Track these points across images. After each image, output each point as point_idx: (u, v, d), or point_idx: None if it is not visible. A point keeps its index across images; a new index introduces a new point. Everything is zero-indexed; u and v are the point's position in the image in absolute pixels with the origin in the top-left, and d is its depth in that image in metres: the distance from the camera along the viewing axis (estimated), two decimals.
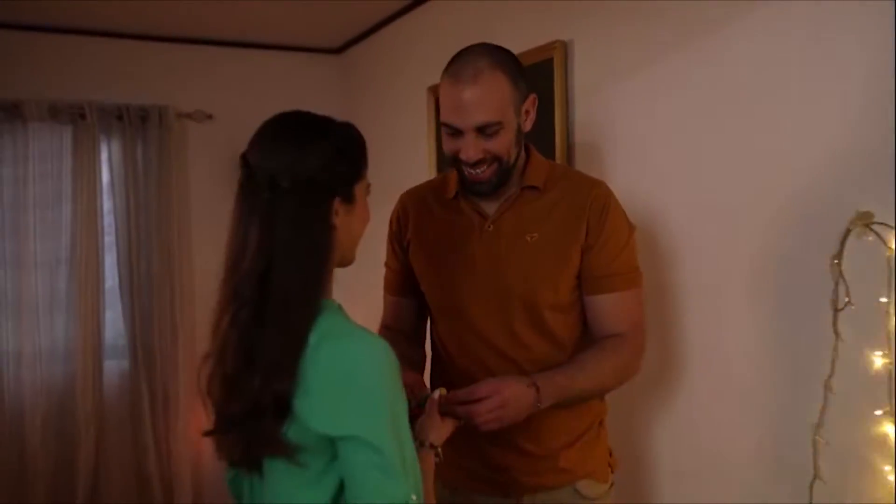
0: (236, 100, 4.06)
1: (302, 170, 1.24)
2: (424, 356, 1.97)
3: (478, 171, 1.69)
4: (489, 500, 1.80)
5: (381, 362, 1.20)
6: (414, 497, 1.18)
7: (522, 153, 1.77)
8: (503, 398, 1.54)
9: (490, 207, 1.78)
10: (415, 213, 1.89)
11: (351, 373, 1.19)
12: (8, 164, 3.78)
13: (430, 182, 2.01)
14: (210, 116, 4.08)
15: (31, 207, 3.80)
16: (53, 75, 3.78)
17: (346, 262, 1.36)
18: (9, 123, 3.75)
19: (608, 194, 1.77)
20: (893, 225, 1.58)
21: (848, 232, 1.66)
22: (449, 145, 1.71)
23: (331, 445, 1.21)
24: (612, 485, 1.86)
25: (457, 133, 1.67)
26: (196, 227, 4.00)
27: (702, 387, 2.10)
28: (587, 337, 1.79)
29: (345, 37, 4.17)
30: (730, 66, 1.97)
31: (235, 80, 4.13)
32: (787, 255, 1.84)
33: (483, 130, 1.65)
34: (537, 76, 2.54)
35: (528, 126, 1.74)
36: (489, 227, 1.77)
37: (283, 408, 1.19)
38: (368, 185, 1.37)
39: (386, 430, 1.18)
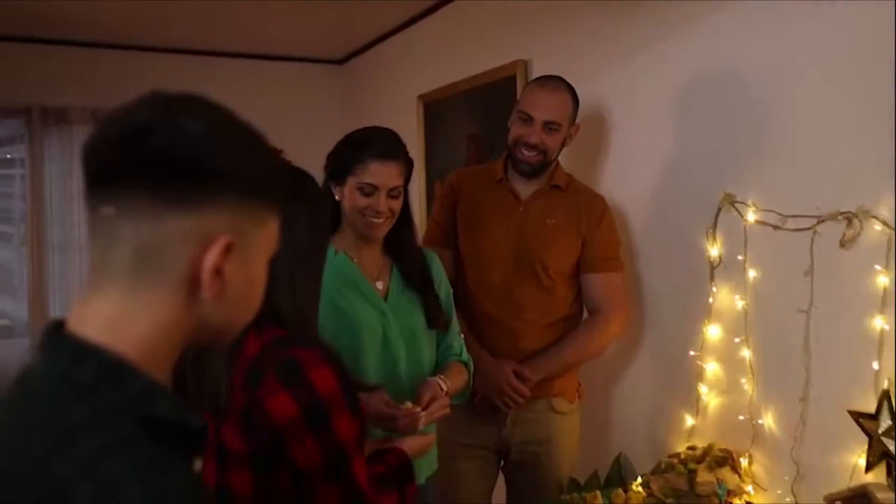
0: (245, 110, 4.59)
1: None
2: None
3: (531, 153, 2.34)
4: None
5: None
6: None
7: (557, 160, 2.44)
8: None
9: (525, 193, 2.42)
10: (467, 186, 2.48)
11: None
12: (55, 161, 4.38)
13: (479, 168, 2.68)
14: None
15: (75, 199, 4.39)
16: (95, 84, 4.36)
17: None
18: (57, 126, 4.35)
19: (606, 205, 2.47)
20: (748, 202, 2.18)
21: (719, 209, 2.26)
22: (518, 130, 2.36)
23: None
24: (579, 407, 2.49)
25: (529, 120, 2.31)
26: None
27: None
28: (570, 314, 2.43)
29: (349, 48, 4.76)
30: (656, 81, 2.55)
31: (244, 90, 4.48)
32: (678, 226, 2.43)
33: (548, 125, 2.31)
34: (501, 90, 3.14)
35: (567, 143, 2.42)
36: (521, 208, 2.40)
37: None
38: None
39: None
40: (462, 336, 2.17)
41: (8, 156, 4.41)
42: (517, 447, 2.41)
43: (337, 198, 1.96)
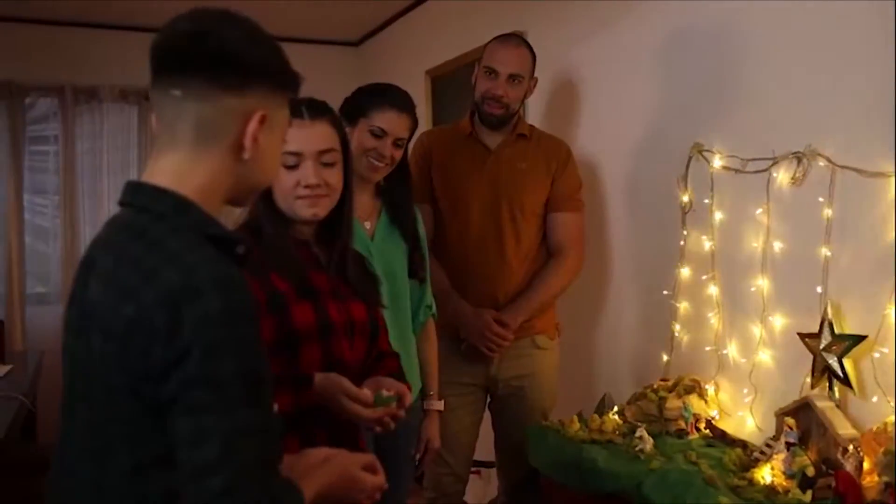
0: None
1: None
2: None
3: (497, 104, 2.54)
4: None
5: None
6: None
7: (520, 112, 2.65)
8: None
9: (493, 144, 2.63)
10: (437, 143, 2.67)
11: None
12: (87, 138, 4.65)
13: (447, 126, 2.89)
14: None
15: (105, 174, 4.66)
16: (123, 65, 4.60)
17: None
18: (87, 104, 4.62)
19: (570, 149, 2.68)
20: (713, 150, 2.35)
21: (690, 158, 2.44)
22: (485, 84, 2.56)
23: None
24: (558, 343, 2.70)
25: (494, 74, 2.53)
26: None
27: (598, 269, 2.86)
28: (540, 250, 2.63)
29: (364, 30, 4.98)
30: (634, 42, 2.74)
31: None
32: (652, 176, 2.62)
33: (512, 77, 2.52)
34: None
35: (528, 95, 2.64)
36: (492, 156, 2.61)
37: None
38: None
39: None
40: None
41: (42, 133, 4.68)
42: (504, 382, 2.60)
43: None
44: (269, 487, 1.04)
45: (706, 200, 2.38)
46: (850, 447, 1.80)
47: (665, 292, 2.53)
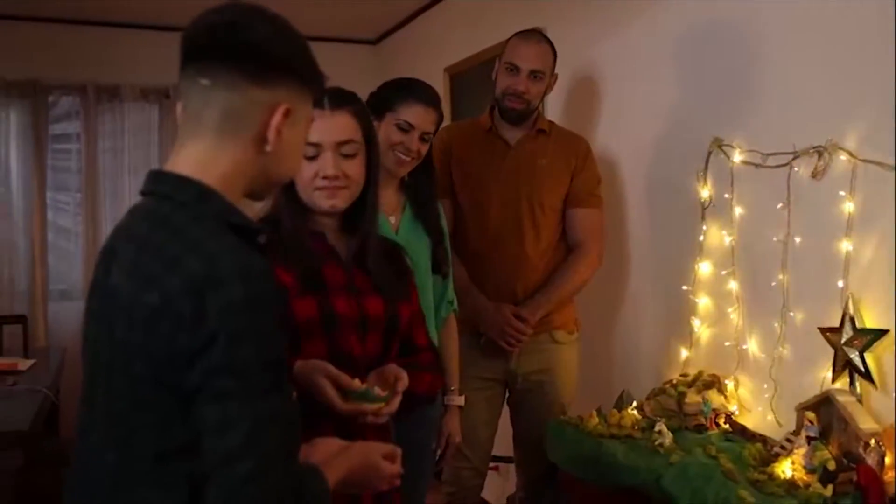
0: None
1: None
2: None
3: (518, 100, 2.55)
4: None
5: None
6: None
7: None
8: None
9: (513, 139, 2.64)
10: (457, 139, 2.67)
11: None
12: (108, 136, 4.70)
13: (466, 122, 2.87)
14: None
15: (126, 172, 4.71)
16: (144, 64, 4.65)
17: None
18: (109, 103, 4.67)
19: (588, 145, 2.69)
20: (733, 144, 2.35)
21: (709, 153, 2.43)
22: (506, 80, 2.56)
23: None
24: (577, 338, 2.69)
25: (515, 70, 2.53)
26: None
27: (617, 264, 2.86)
28: (559, 245, 2.63)
29: (382, 28, 5.00)
30: (653, 38, 2.74)
31: None
32: (671, 172, 2.62)
33: (533, 74, 2.53)
34: None
35: (548, 92, 2.65)
36: (512, 152, 2.61)
37: None
38: None
39: None
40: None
41: (65, 131, 4.73)
42: (523, 377, 2.61)
43: None
44: (294, 473, 1.06)
45: (726, 195, 2.37)
46: (872, 441, 1.79)
47: (684, 288, 2.52)
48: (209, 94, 1.11)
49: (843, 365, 1.97)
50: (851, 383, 1.96)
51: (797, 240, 2.16)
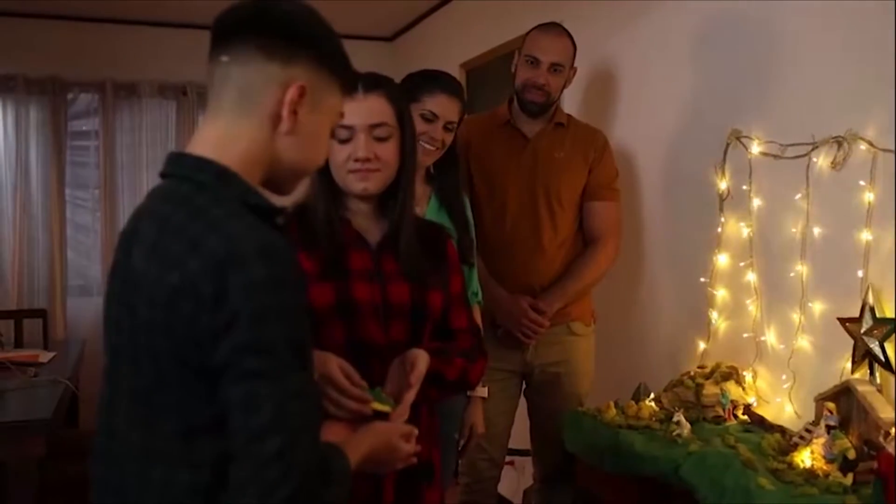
0: None
1: None
2: None
3: (538, 92, 2.55)
4: None
5: None
6: None
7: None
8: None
9: (531, 132, 2.64)
10: (475, 131, 2.65)
11: None
12: (126, 132, 4.74)
13: (484, 114, 2.85)
14: None
15: (143, 169, 4.75)
16: (162, 61, 4.70)
17: None
18: (127, 99, 4.71)
19: (606, 138, 2.69)
20: (752, 136, 2.35)
21: (728, 145, 2.43)
22: (526, 73, 2.56)
23: None
24: (594, 330, 2.70)
25: (536, 63, 2.53)
26: None
27: (634, 257, 2.87)
28: (576, 238, 2.64)
29: (398, 25, 5.01)
30: (669, 31, 2.74)
31: None
32: (689, 164, 2.62)
33: (553, 67, 2.53)
34: None
35: (567, 85, 2.64)
36: (530, 145, 2.62)
37: None
38: None
39: None
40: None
41: (83, 128, 4.78)
42: (539, 369, 2.62)
43: None
44: (318, 450, 1.07)
45: (744, 187, 2.37)
46: (892, 430, 1.78)
47: (702, 279, 2.52)
48: (227, 71, 1.12)
49: (862, 355, 1.96)
50: (871, 373, 1.96)
51: (816, 230, 2.16)
